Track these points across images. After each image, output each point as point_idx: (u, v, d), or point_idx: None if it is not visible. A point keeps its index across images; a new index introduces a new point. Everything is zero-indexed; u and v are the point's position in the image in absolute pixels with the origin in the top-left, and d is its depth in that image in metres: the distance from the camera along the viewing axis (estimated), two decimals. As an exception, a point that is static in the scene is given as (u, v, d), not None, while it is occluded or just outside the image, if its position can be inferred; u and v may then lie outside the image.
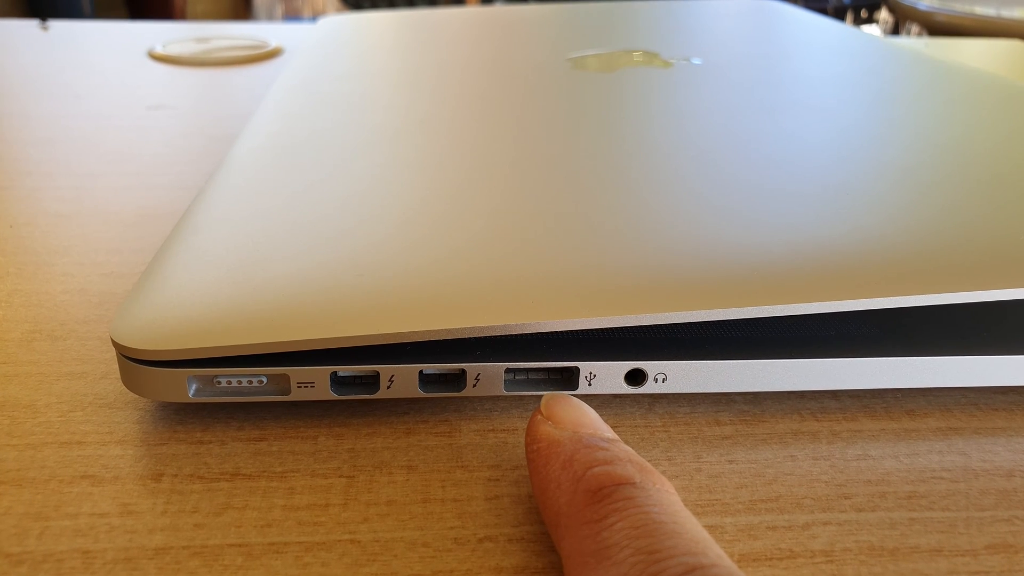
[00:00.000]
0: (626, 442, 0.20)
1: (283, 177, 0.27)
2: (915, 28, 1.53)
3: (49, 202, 0.34)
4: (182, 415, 0.21)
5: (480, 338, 0.21)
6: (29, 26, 0.71)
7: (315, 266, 0.21)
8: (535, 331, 0.19)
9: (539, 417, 0.18)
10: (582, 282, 0.20)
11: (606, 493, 0.15)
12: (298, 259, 0.21)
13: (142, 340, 0.19)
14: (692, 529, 0.15)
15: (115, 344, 0.20)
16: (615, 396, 0.22)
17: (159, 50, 0.60)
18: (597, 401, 0.22)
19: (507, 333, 0.20)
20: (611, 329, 0.22)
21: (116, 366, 0.23)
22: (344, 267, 0.21)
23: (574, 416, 0.18)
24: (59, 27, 0.71)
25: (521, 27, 0.52)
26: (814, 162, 0.27)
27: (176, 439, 0.20)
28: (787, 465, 0.20)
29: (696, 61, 0.41)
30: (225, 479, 0.19)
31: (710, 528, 0.18)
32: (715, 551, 0.14)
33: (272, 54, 0.61)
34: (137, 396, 0.22)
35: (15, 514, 0.18)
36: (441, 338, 0.19)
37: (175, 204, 0.34)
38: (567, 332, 0.21)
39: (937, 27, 1.45)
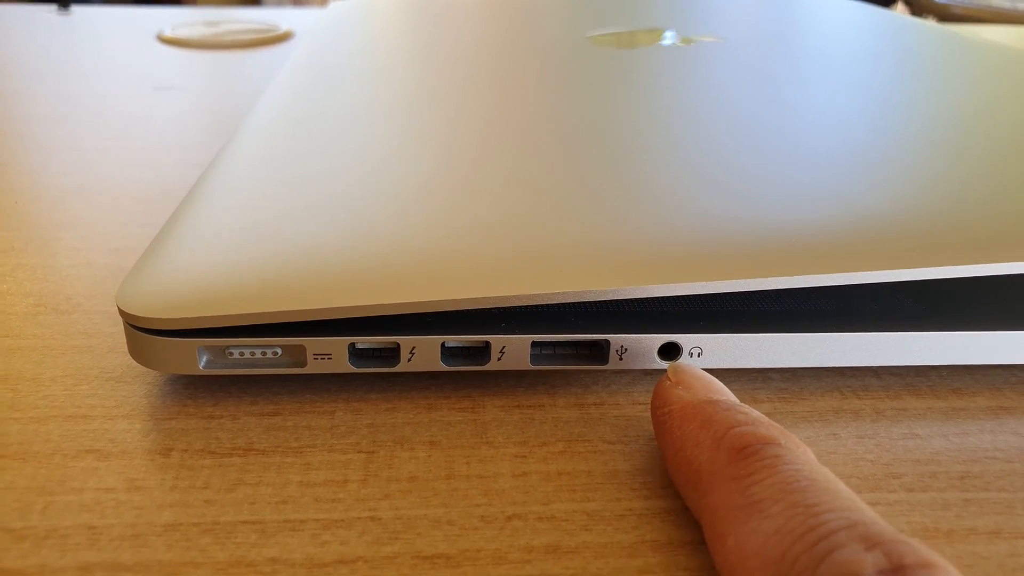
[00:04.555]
0: (659, 419, 0.19)
1: (297, 148, 0.26)
2: (931, 20, 1.51)
3: (54, 177, 0.33)
4: (192, 389, 0.20)
5: (505, 309, 0.20)
6: (45, 10, 0.70)
7: (332, 233, 0.20)
8: (563, 301, 0.18)
9: (668, 383, 0.18)
10: (613, 251, 0.19)
11: (752, 451, 0.15)
12: (314, 226, 0.20)
13: (150, 308, 0.18)
14: (844, 488, 0.14)
15: (122, 313, 0.19)
16: (646, 372, 0.21)
17: (168, 33, 0.60)
18: (628, 377, 0.21)
19: (534, 303, 0.19)
20: (643, 301, 0.21)
21: (123, 340, 0.22)
22: (363, 235, 0.20)
23: (705, 383, 0.18)
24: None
25: (536, 5, 0.51)
26: (848, 133, 0.26)
27: (186, 413, 0.19)
28: (830, 443, 0.19)
29: (718, 39, 0.40)
30: (237, 454, 0.18)
31: (751, 508, 0.17)
32: (870, 510, 0.14)
33: (282, 37, 0.60)
34: (145, 369, 0.21)
35: (18, 488, 0.17)
36: (465, 308, 0.18)
37: (182, 180, 0.33)
38: (597, 303, 0.20)
39: (953, 19, 1.43)
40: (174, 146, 0.37)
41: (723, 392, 0.18)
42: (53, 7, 0.69)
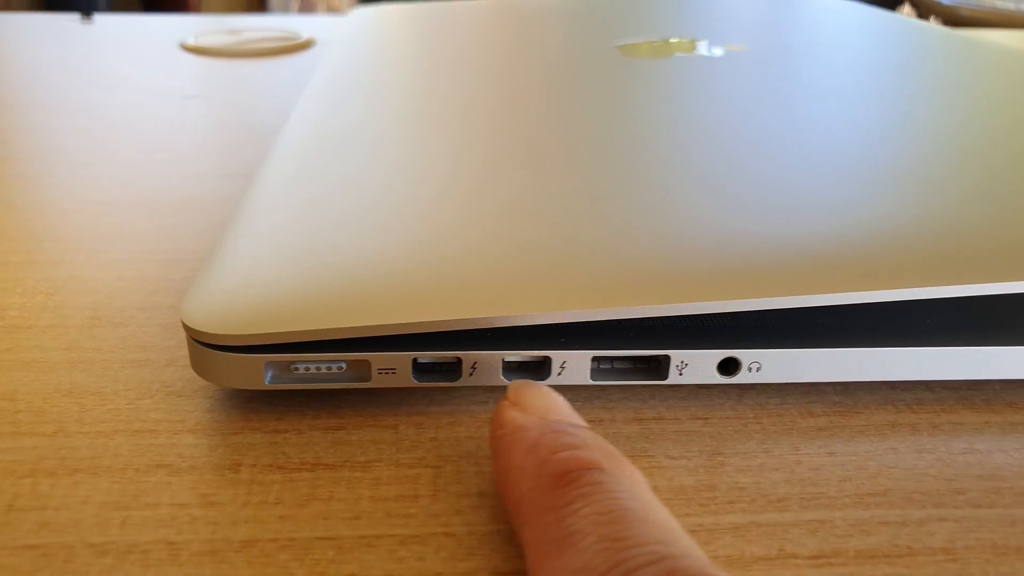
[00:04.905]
0: (718, 435, 0.20)
1: (344, 161, 0.26)
2: (937, 23, 1.51)
3: (91, 191, 0.34)
4: (254, 403, 0.20)
5: (565, 325, 0.20)
6: (67, 19, 0.70)
7: (394, 248, 0.20)
8: (625, 317, 0.19)
9: (506, 403, 0.17)
10: (672, 267, 0.19)
11: (572, 478, 0.14)
12: (373, 242, 0.20)
13: (216, 325, 0.19)
14: (662, 518, 0.14)
15: (186, 328, 0.19)
16: (702, 387, 0.21)
17: (191, 42, 0.60)
18: (684, 391, 0.21)
19: (595, 320, 0.19)
20: (703, 316, 0.21)
21: (180, 353, 0.22)
22: (425, 249, 0.20)
23: (543, 402, 0.17)
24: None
25: (561, 15, 0.51)
26: (892, 146, 0.26)
27: (251, 428, 0.20)
28: (889, 458, 0.19)
29: (742, 47, 0.40)
30: (306, 469, 0.18)
31: (818, 523, 0.17)
32: (686, 541, 0.13)
33: (305, 45, 0.60)
34: (205, 383, 0.21)
35: (94, 503, 0.17)
36: (527, 323, 0.19)
37: (218, 192, 0.33)
38: (656, 319, 0.20)
39: (961, 21, 1.43)
40: (205, 158, 0.38)
41: (561, 411, 0.17)
42: (75, 16, 0.70)
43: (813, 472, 0.19)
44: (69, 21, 0.69)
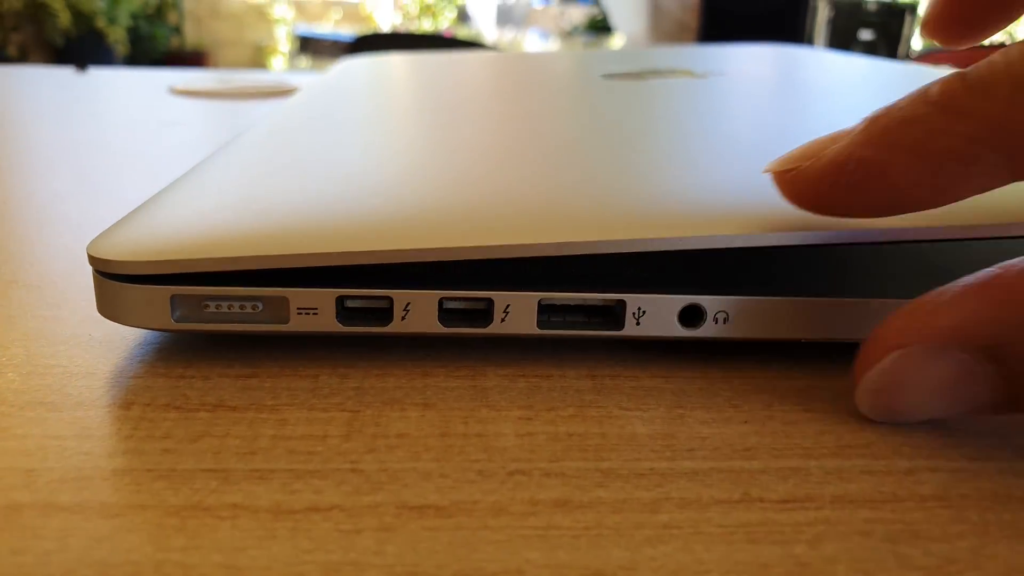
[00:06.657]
0: (680, 391, 0.17)
1: (292, 137, 0.24)
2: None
3: (42, 182, 0.32)
4: (163, 353, 0.18)
5: (510, 267, 0.18)
6: (61, 72, 0.71)
7: (319, 183, 0.18)
8: (575, 253, 0.17)
9: None
10: (631, 201, 0.18)
11: None
12: (300, 179, 0.19)
13: (121, 253, 0.17)
14: None
15: (91, 260, 0.17)
16: (665, 349, 0.19)
17: (180, 86, 0.60)
18: (643, 353, 0.19)
19: (543, 255, 0.17)
20: (662, 261, 0.19)
21: (94, 312, 0.20)
22: (352, 182, 0.18)
23: None
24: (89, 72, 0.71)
25: (551, 62, 0.51)
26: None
27: (153, 373, 0.17)
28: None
29: (729, 75, 0.39)
30: (206, 410, 0.16)
31: (791, 471, 0.15)
32: None
33: (290, 91, 0.60)
34: (115, 335, 0.19)
35: (-52, 433, 0.15)
36: (466, 257, 0.17)
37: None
38: (610, 259, 0.18)
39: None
40: (174, 163, 0.36)
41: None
42: (70, 69, 0.70)
43: (787, 426, 0.16)
44: (64, 72, 0.70)
